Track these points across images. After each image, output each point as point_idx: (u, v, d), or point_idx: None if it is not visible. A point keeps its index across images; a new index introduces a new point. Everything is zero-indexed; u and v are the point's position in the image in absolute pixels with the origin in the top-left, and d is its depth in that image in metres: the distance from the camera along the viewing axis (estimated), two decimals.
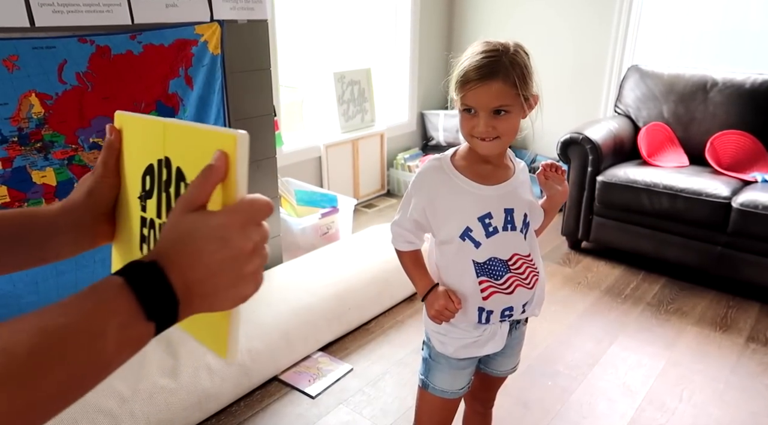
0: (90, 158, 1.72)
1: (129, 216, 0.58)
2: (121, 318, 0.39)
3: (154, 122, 0.54)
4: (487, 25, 3.90)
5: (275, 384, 1.93)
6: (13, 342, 0.34)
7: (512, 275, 1.13)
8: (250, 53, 2.18)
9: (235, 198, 0.44)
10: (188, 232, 0.43)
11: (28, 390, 0.34)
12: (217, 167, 0.43)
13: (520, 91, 1.01)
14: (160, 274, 0.41)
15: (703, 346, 2.19)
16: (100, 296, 0.39)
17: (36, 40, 1.52)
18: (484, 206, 1.09)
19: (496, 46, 1.02)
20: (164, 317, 0.41)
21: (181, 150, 0.50)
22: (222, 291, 0.43)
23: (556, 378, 2.00)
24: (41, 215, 0.56)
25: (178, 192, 0.50)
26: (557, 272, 2.80)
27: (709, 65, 3.04)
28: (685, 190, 2.56)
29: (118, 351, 0.39)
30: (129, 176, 0.58)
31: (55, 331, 0.36)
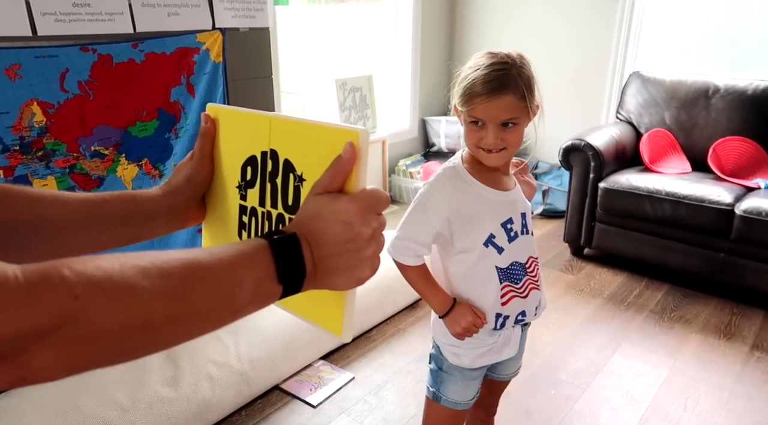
0: (91, 166, 1.72)
1: (225, 203, 0.62)
2: (260, 273, 0.44)
3: (257, 115, 0.57)
4: (489, 32, 3.91)
5: (276, 393, 1.92)
6: (168, 262, 0.40)
7: (528, 278, 1.15)
8: (252, 61, 2.18)
9: (357, 187, 0.48)
10: (316, 213, 0.48)
11: (178, 306, 0.39)
12: (348, 159, 0.48)
13: (528, 104, 1.02)
14: (296, 244, 0.46)
15: (708, 354, 2.18)
16: (246, 250, 0.44)
17: (38, 49, 1.52)
18: (505, 212, 1.10)
19: (503, 59, 1.02)
20: (292, 283, 0.46)
21: (290, 143, 0.54)
22: (342, 271, 0.48)
23: (558, 387, 1.99)
24: (146, 199, 0.60)
25: (287, 182, 0.54)
26: (560, 279, 2.79)
27: (711, 71, 3.04)
28: (687, 196, 2.55)
29: (250, 300, 0.44)
30: (225, 165, 0.61)
31: (205, 267, 0.41)
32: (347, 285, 0.49)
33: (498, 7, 3.82)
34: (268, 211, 0.57)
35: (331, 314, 0.52)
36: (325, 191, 0.49)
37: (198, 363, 1.77)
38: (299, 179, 0.53)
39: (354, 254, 0.47)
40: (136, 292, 0.37)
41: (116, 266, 0.37)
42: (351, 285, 0.50)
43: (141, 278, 0.37)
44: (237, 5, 2.01)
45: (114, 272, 0.36)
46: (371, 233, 0.48)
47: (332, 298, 0.51)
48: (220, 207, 0.63)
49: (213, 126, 0.62)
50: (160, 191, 0.61)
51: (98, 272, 0.35)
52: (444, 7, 3.97)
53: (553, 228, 3.36)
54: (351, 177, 0.48)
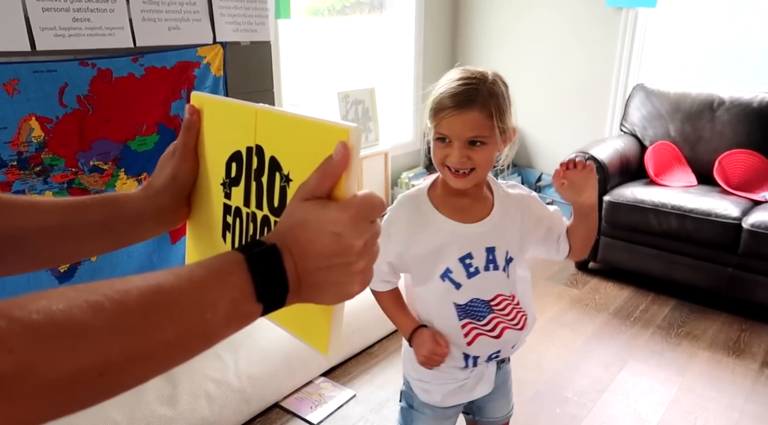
0: (90, 181, 1.70)
1: (209, 201, 0.57)
2: (235, 294, 0.40)
3: (242, 107, 0.52)
4: (491, 45, 3.90)
5: (276, 411, 1.89)
6: (128, 296, 0.35)
7: (496, 316, 1.06)
8: (253, 74, 2.18)
9: (348, 193, 0.44)
10: (303, 221, 0.43)
11: (138, 343, 0.35)
12: (339, 160, 0.43)
13: (497, 123, 0.95)
14: (277, 257, 0.42)
15: (716, 372, 2.13)
16: (219, 268, 0.40)
17: (37, 63, 1.52)
18: (464, 246, 1.02)
19: (474, 74, 0.97)
20: (273, 300, 0.42)
21: (277, 139, 0.49)
22: (329, 285, 0.44)
23: (564, 406, 1.95)
24: (128, 203, 0.56)
25: (272, 182, 0.49)
26: (564, 293, 2.75)
27: (716, 84, 3.02)
28: (694, 210, 2.51)
29: (226, 324, 0.40)
30: (209, 160, 0.56)
31: (170, 293, 0.37)
32: (335, 300, 0.45)
33: (501, 20, 3.82)
34: (252, 212, 0.52)
35: (317, 329, 0.48)
36: (313, 195, 0.44)
37: (196, 381, 1.74)
38: (285, 178, 0.48)
39: (343, 268, 0.43)
40: (87, 334, 0.32)
41: (62, 306, 0.32)
42: (338, 300, 0.45)
43: (92, 317, 0.33)
44: (238, 19, 2.00)
45: (58, 314, 0.32)
46: (363, 244, 0.43)
47: (319, 312, 0.47)
48: (204, 206, 0.58)
49: (198, 118, 0.57)
50: (144, 193, 0.57)
51: (38, 317, 0.31)
52: (446, 19, 3.97)
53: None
54: (341, 181, 0.44)
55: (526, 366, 2.15)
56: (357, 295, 0.45)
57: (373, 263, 0.46)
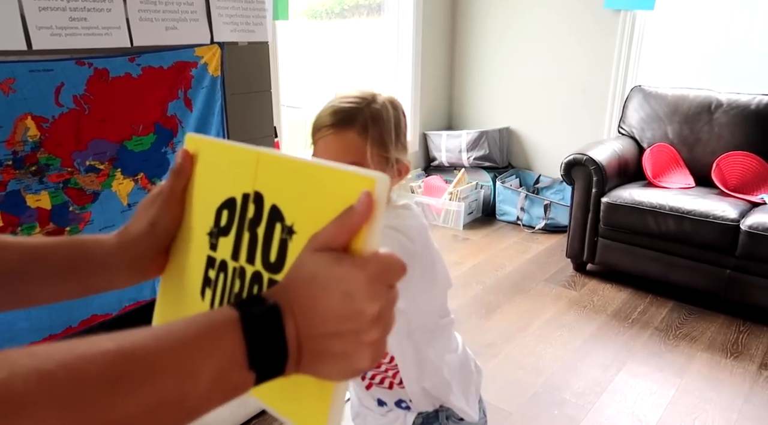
0: (86, 181, 1.69)
1: (190, 252, 0.51)
2: (222, 362, 0.34)
3: (243, 150, 0.47)
4: (489, 47, 3.91)
5: None
6: (88, 361, 0.30)
7: (376, 374, 1.00)
8: (251, 75, 2.17)
9: (367, 249, 0.38)
10: (312, 275, 0.37)
11: (93, 418, 0.29)
12: (362, 211, 0.37)
13: (376, 151, 0.85)
14: (278, 318, 0.36)
15: (715, 373, 2.13)
16: (205, 330, 0.34)
17: (33, 62, 1.51)
18: None
19: (364, 94, 0.88)
20: (268, 369, 0.36)
21: (281, 186, 0.44)
22: (333, 357, 0.37)
23: (563, 407, 1.94)
24: (98, 249, 0.51)
25: (270, 233, 0.44)
26: (562, 295, 2.74)
27: (713, 86, 3.02)
28: (692, 212, 2.51)
29: (207, 396, 0.34)
30: (197, 208, 0.51)
31: (143, 358, 0.31)
32: (338, 375, 0.38)
33: (498, 22, 3.82)
34: (241, 267, 0.46)
35: (314, 411, 0.41)
36: (328, 247, 0.38)
37: None
38: (288, 230, 0.43)
39: (352, 336, 0.37)
40: (29, 412, 0.27)
41: (4, 374, 0.27)
42: (343, 376, 0.38)
43: (36, 389, 0.28)
44: (236, 19, 2.00)
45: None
46: (377, 311, 0.37)
47: (317, 390, 0.40)
48: (184, 257, 0.52)
49: (190, 165, 0.51)
50: (117, 239, 0.51)
51: None
52: (445, 21, 3.97)
53: (556, 243, 3.32)
54: (361, 234, 0.38)
55: (524, 367, 2.15)
56: (365, 371, 0.40)
57: (386, 336, 0.39)
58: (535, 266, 3.05)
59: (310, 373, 0.38)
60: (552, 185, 3.75)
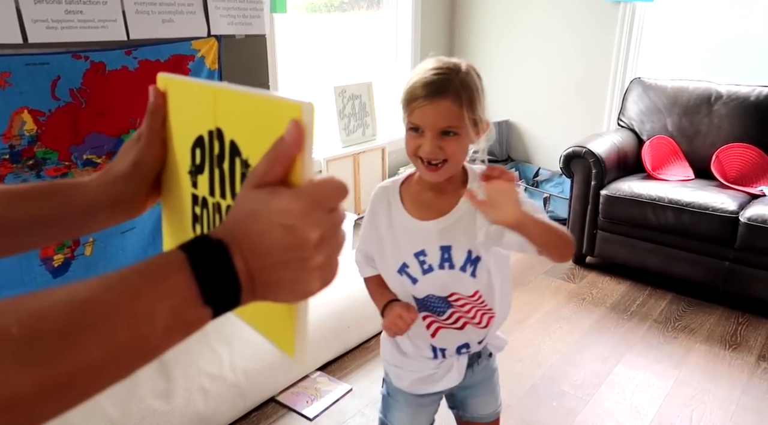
0: (83, 175, 1.69)
1: (179, 191, 0.53)
2: (175, 301, 0.35)
3: (202, 86, 0.48)
4: (489, 39, 3.89)
5: (272, 405, 1.88)
6: (41, 316, 0.31)
7: (456, 311, 1.06)
8: (248, 68, 2.17)
9: (303, 178, 0.39)
10: (252, 212, 0.38)
11: (54, 372, 0.30)
12: (291, 142, 0.38)
13: (469, 114, 0.95)
14: (225, 255, 0.37)
15: (713, 365, 2.13)
16: (155, 273, 0.35)
17: (29, 56, 1.50)
18: (418, 243, 1.02)
19: (447, 64, 0.97)
20: (223, 302, 0.37)
21: (235, 121, 0.44)
22: (285, 283, 0.39)
23: (561, 399, 1.94)
24: (79, 192, 0.52)
25: (233, 169, 0.45)
26: (561, 288, 2.75)
27: (713, 78, 3.01)
28: (691, 204, 2.51)
29: (167, 335, 0.35)
30: (177, 147, 0.52)
31: (96, 307, 0.32)
32: (293, 299, 0.41)
33: (498, 13, 3.81)
34: (218, 202, 0.48)
35: (283, 330, 0.44)
36: (263, 182, 0.39)
37: (191, 375, 1.73)
38: (245, 164, 0.44)
39: (299, 263, 0.38)
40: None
41: None
42: (297, 299, 0.41)
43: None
44: (233, 12, 1.99)
45: None
46: (319, 236, 0.38)
47: (282, 311, 0.43)
48: (175, 195, 0.54)
49: (162, 101, 0.52)
50: (100, 181, 0.52)
51: None
52: (444, 14, 3.96)
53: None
54: (296, 165, 0.39)
55: (522, 360, 2.15)
56: (317, 293, 0.41)
57: (335, 257, 0.41)
58: (534, 259, 3.04)
59: (268, 300, 0.40)
60: (551, 177, 3.74)
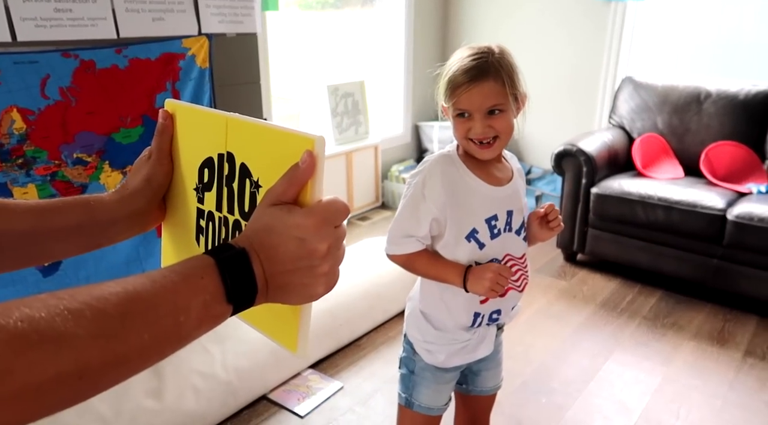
0: (74, 173, 1.69)
1: (184, 205, 0.59)
2: (206, 296, 0.42)
3: (214, 115, 0.55)
4: (481, 37, 3.90)
5: (263, 403, 1.89)
6: (105, 303, 0.37)
7: None
8: (240, 66, 2.17)
9: (313, 199, 0.46)
10: (269, 226, 0.45)
11: (116, 348, 0.37)
12: (305, 168, 0.45)
13: (510, 90, 1.01)
14: (246, 261, 0.44)
15: (701, 361, 2.16)
16: (189, 273, 0.42)
17: (18, 54, 1.50)
18: (491, 208, 1.08)
19: (482, 49, 1.03)
20: (242, 301, 0.44)
21: (246, 147, 0.51)
22: (295, 287, 0.46)
23: (551, 395, 1.96)
24: (102, 207, 0.58)
25: (243, 188, 0.52)
26: (553, 285, 2.76)
27: (703, 76, 3.03)
28: (680, 202, 2.53)
29: (198, 325, 0.42)
30: (184, 165, 0.59)
31: (146, 299, 0.39)
32: (301, 301, 0.48)
33: (491, 12, 3.82)
34: (224, 216, 0.54)
35: (287, 328, 0.51)
36: (279, 201, 0.46)
37: (182, 374, 1.74)
38: (255, 185, 0.51)
39: (308, 271, 0.46)
40: (68, 341, 0.34)
41: (44, 313, 0.34)
42: (304, 301, 0.48)
43: (73, 324, 0.34)
44: (224, 11, 1.99)
45: (41, 322, 0.33)
46: (326, 249, 0.46)
47: (287, 312, 0.50)
48: (179, 209, 0.60)
49: (171, 123, 0.59)
50: (117, 196, 0.58)
51: (22, 324, 0.33)
52: (437, 12, 3.96)
53: None
54: (307, 188, 0.46)
55: (513, 357, 2.17)
56: (322, 296, 0.47)
57: (338, 266, 0.48)
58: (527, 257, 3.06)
59: (278, 301, 0.47)
60: (544, 176, 3.76)
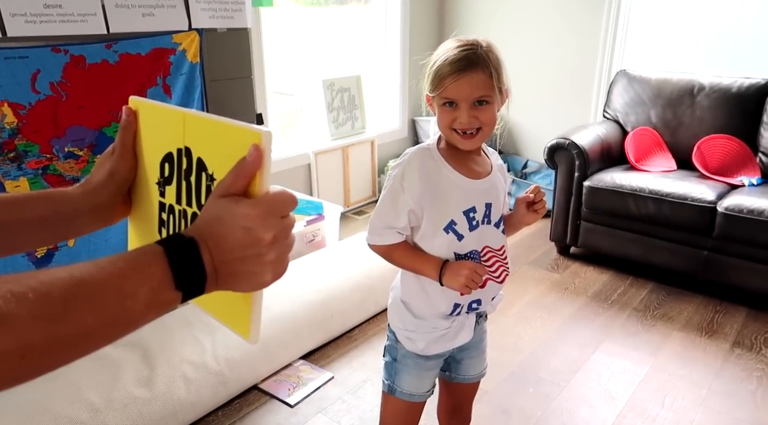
0: (65, 167, 1.72)
1: (147, 199, 0.61)
2: (153, 283, 0.43)
3: (172, 111, 0.57)
4: (477, 31, 3.88)
5: (254, 393, 1.92)
6: (49, 286, 0.38)
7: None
8: (231, 61, 2.19)
9: (261, 191, 0.48)
10: (218, 216, 0.47)
11: (60, 329, 0.38)
12: (252, 161, 0.47)
13: (496, 83, 1.04)
14: (195, 249, 0.45)
15: (689, 351, 2.18)
16: (138, 260, 0.43)
17: (8, 50, 1.53)
18: (469, 200, 1.09)
19: (470, 41, 1.05)
20: (191, 288, 0.46)
21: (202, 141, 0.54)
22: (243, 274, 0.48)
23: (538, 385, 1.99)
24: (65, 199, 0.59)
25: (200, 181, 0.54)
26: (545, 278, 2.78)
27: (697, 70, 3.04)
28: (670, 194, 2.55)
29: (146, 311, 0.43)
30: (146, 160, 0.60)
31: (91, 283, 0.40)
32: (250, 288, 0.49)
33: (486, 8, 3.82)
34: (184, 209, 0.56)
35: (239, 315, 0.52)
36: (228, 192, 0.48)
37: (173, 364, 1.77)
38: (210, 178, 0.53)
39: (255, 259, 0.47)
40: (9, 321, 0.36)
41: None
42: (254, 288, 0.50)
43: (15, 306, 0.36)
44: (214, 5, 2.01)
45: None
46: (272, 238, 0.47)
47: (239, 299, 0.51)
48: (143, 203, 0.63)
49: (134, 119, 0.61)
50: (81, 189, 0.60)
51: None
52: (432, 6, 3.97)
53: (541, 227, 3.35)
54: (255, 180, 0.48)
55: (503, 347, 2.19)
56: (270, 284, 0.49)
57: (286, 255, 0.50)
58: (520, 250, 3.09)
59: (228, 289, 0.49)
60: (540, 169, 3.77)
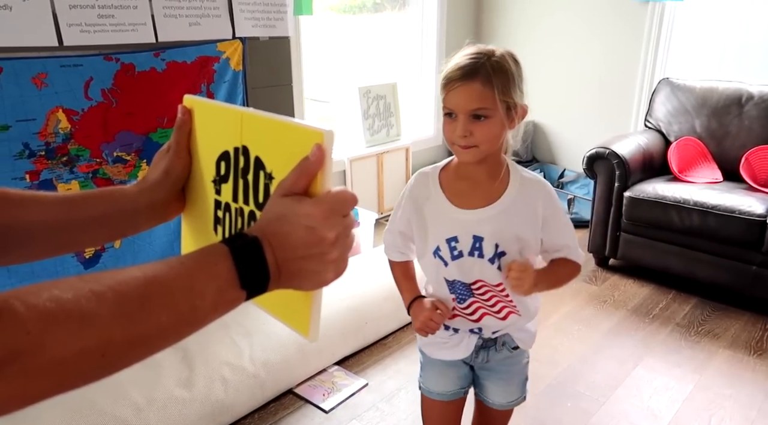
0: (114, 171, 1.78)
1: (202, 196, 0.62)
2: (220, 283, 0.44)
3: (229, 110, 0.57)
4: (515, 39, 3.88)
5: (290, 397, 1.94)
6: (126, 286, 0.40)
7: (476, 301, 1.11)
8: (272, 69, 2.23)
9: (322, 190, 0.48)
10: (281, 215, 0.48)
11: (136, 328, 0.40)
12: (314, 161, 0.47)
13: (501, 97, 0.96)
14: (258, 249, 0.46)
15: (736, 370, 2.09)
16: (205, 259, 0.45)
17: (64, 58, 1.59)
18: (452, 229, 1.06)
19: (482, 50, 1.00)
20: (255, 287, 0.46)
21: (260, 140, 0.54)
22: (306, 273, 0.48)
23: (576, 400, 1.94)
24: (124, 197, 0.61)
25: (257, 180, 0.54)
26: (582, 290, 2.73)
27: (744, 78, 2.94)
28: (717, 207, 2.46)
29: (213, 309, 0.44)
30: (201, 158, 0.61)
31: (164, 283, 0.42)
32: (311, 287, 0.50)
33: (525, 14, 3.79)
34: (240, 207, 0.57)
35: (299, 313, 0.53)
36: (290, 192, 0.48)
37: (212, 365, 1.80)
38: (269, 176, 0.53)
39: (318, 257, 0.48)
40: (92, 321, 0.37)
41: (70, 295, 0.37)
42: (315, 287, 0.50)
43: (96, 305, 0.37)
44: (257, 15, 2.05)
45: (68, 303, 0.36)
46: (335, 236, 0.48)
47: (300, 298, 0.52)
48: (198, 201, 0.63)
49: (189, 118, 0.61)
50: (138, 188, 0.61)
51: (51, 304, 0.36)
52: (469, 14, 3.96)
53: (579, 238, 3.28)
54: (317, 179, 0.48)
55: (539, 359, 2.15)
56: (332, 282, 0.50)
57: (347, 254, 0.50)
58: None
59: (290, 287, 0.49)
60: (577, 179, 3.71)
